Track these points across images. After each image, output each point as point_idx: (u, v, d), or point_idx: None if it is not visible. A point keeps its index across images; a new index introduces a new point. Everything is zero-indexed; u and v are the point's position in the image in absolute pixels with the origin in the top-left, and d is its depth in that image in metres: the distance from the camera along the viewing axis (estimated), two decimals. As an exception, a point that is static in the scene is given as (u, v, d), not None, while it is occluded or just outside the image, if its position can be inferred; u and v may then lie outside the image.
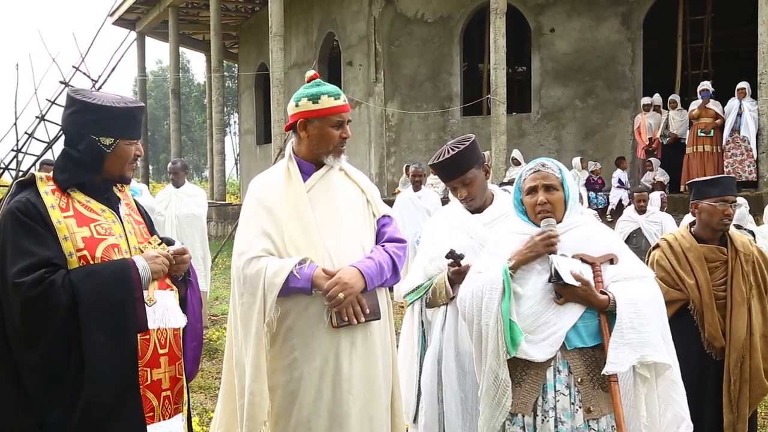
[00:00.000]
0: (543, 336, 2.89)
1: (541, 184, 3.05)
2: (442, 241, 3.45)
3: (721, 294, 4.09)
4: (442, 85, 17.47)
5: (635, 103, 15.80)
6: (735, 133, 13.06)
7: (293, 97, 3.27)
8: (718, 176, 4.33)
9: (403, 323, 3.82)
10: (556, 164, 3.12)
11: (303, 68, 19.21)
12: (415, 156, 16.65)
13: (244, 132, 25.61)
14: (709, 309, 4.06)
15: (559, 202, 3.04)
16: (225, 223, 19.22)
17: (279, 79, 16.20)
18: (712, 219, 4.10)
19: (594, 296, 2.88)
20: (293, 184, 3.19)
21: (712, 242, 4.17)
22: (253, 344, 2.99)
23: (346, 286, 2.98)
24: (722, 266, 4.12)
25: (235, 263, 3.11)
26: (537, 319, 2.90)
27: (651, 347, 2.82)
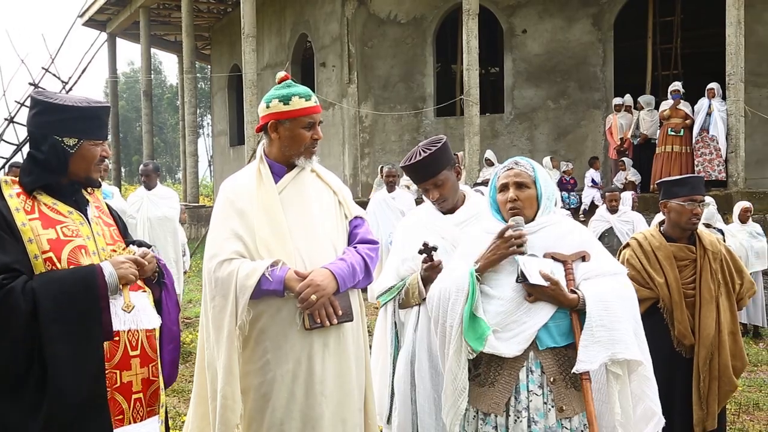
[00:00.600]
0: (512, 333, 2.89)
1: (513, 182, 3.06)
2: (414, 242, 3.46)
3: (690, 292, 4.13)
4: (415, 86, 17.51)
5: (607, 104, 15.95)
6: (704, 133, 13.21)
7: (264, 99, 3.25)
8: (687, 176, 4.38)
9: (376, 324, 3.82)
10: (530, 162, 3.12)
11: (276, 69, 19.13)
12: (389, 157, 16.67)
13: (217, 134, 25.47)
14: (678, 307, 4.10)
15: (529, 200, 3.04)
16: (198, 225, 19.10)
17: (252, 80, 16.14)
18: (681, 218, 4.15)
19: (563, 295, 2.88)
20: (265, 185, 3.18)
21: (681, 241, 4.22)
22: (225, 347, 2.97)
23: (319, 288, 2.97)
24: (691, 265, 4.17)
25: (206, 266, 3.09)
26: (507, 318, 2.90)
27: (622, 344, 2.82)
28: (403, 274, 3.54)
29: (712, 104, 13.15)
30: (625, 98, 15.13)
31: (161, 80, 55.51)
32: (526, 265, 2.87)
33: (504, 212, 3.09)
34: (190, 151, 21.52)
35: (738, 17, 12.52)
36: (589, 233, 3.18)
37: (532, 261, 2.92)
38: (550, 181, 3.14)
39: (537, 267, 2.89)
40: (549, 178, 3.13)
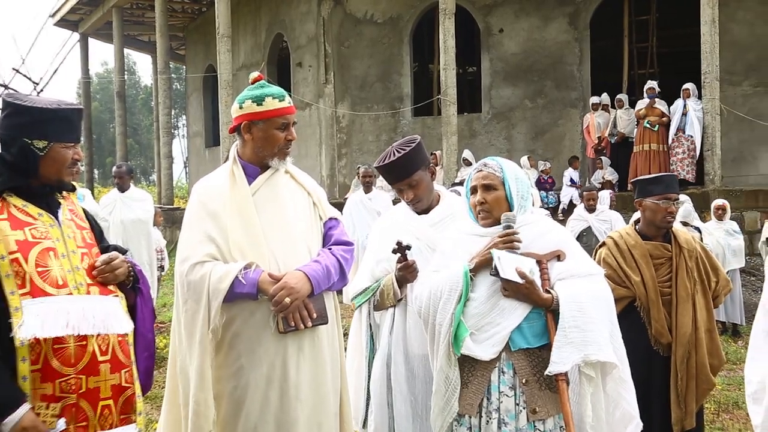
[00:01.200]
0: (487, 335, 2.90)
1: (480, 184, 3.08)
2: (389, 243, 3.45)
3: (666, 290, 4.16)
4: (392, 86, 17.51)
5: (584, 103, 16.04)
6: (680, 132, 13.34)
7: (237, 99, 3.24)
8: (661, 174, 4.43)
9: (351, 327, 3.81)
10: (498, 163, 3.13)
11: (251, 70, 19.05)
12: (367, 157, 16.65)
13: (192, 135, 25.33)
14: (655, 305, 4.13)
15: (497, 201, 3.05)
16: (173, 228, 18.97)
17: (227, 80, 16.07)
18: (656, 216, 4.18)
19: (537, 294, 2.88)
20: (238, 187, 3.16)
21: (656, 239, 4.25)
22: (197, 352, 2.95)
23: (293, 290, 2.96)
24: (667, 263, 4.20)
25: (178, 269, 3.07)
26: (482, 319, 2.91)
27: (595, 346, 2.82)
28: (378, 275, 3.54)
29: (688, 104, 13.30)
30: (602, 97, 15.22)
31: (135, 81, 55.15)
32: (501, 260, 2.88)
33: (475, 214, 3.11)
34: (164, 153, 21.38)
35: (712, 16, 12.64)
36: (566, 233, 3.19)
37: (509, 257, 2.92)
38: (525, 180, 3.14)
39: (513, 263, 2.90)
40: (522, 178, 3.13)
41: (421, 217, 3.57)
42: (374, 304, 3.53)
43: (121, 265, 2.81)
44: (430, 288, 3.02)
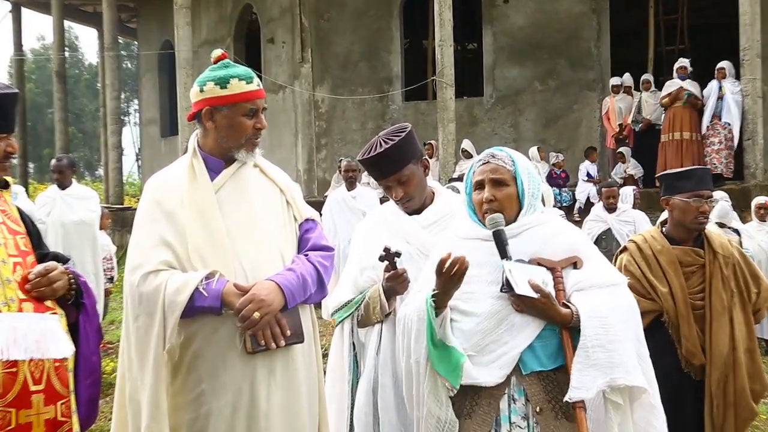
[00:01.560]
0: (492, 357, 2.89)
1: (488, 178, 3.07)
2: (375, 248, 3.45)
3: (698, 303, 4.17)
4: (380, 66, 17.52)
5: (602, 85, 16.08)
6: (715, 119, 13.34)
7: (197, 81, 3.24)
8: (691, 167, 4.43)
9: (331, 346, 3.81)
10: (509, 154, 3.13)
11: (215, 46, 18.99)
12: (350, 149, 16.65)
13: (145, 122, 25.24)
14: (685, 321, 4.14)
15: (509, 199, 3.05)
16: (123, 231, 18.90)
17: (186, 59, 16.02)
18: (686, 217, 4.19)
19: (555, 309, 2.88)
20: (198, 183, 3.17)
21: (686, 243, 4.26)
22: (150, 376, 2.94)
23: (263, 303, 2.96)
24: (699, 271, 4.21)
25: (128, 279, 3.06)
26: (485, 337, 2.90)
27: (622, 368, 2.82)
28: (362, 286, 3.54)
29: (724, 86, 13.29)
30: (624, 78, 15.25)
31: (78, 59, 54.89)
32: (513, 273, 2.87)
33: (480, 214, 3.09)
34: (113, 143, 21.29)
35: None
36: (582, 235, 3.20)
37: (520, 268, 2.92)
38: (535, 175, 3.15)
39: (525, 275, 2.89)
40: (533, 172, 3.14)
41: (413, 218, 3.57)
42: (358, 320, 3.53)
43: (60, 277, 2.79)
44: (404, 317, 3.03)
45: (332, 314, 3.64)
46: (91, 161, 53.90)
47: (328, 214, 10.03)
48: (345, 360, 3.63)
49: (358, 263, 3.60)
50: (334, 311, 3.62)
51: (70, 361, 2.79)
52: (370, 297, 3.47)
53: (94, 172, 52.51)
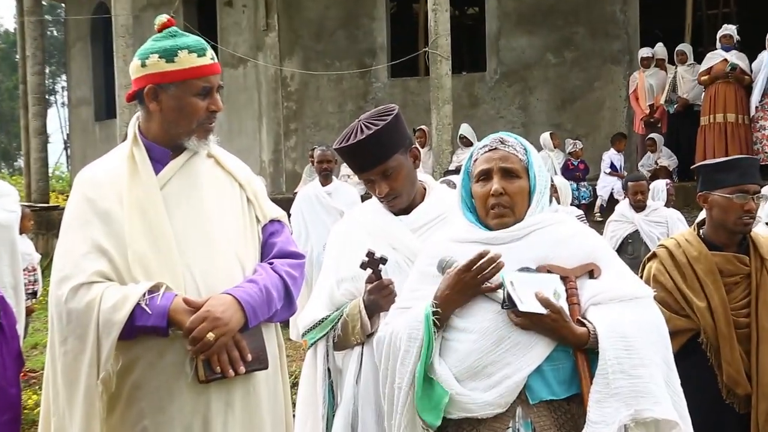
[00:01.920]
0: (491, 381, 2.88)
1: (498, 167, 3.06)
2: (355, 255, 3.47)
3: (743, 321, 4.19)
4: (361, 35, 17.53)
5: (630, 57, 16.14)
6: (766, 98, 13.37)
7: (138, 54, 3.25)
8: (735, 157, 4.46)
9: (302, 373, 3.81)
10: (520, 142, 3.14)
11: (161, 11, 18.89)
12: (325, 135, 16.66)
13: (75, 103, 25.16)
14: (727, 342, 4.15)
15: (520, 195, 3.06)
16: (49, 235, 18.84)
17: (126, 26, 15.97)
18: (728, 217, 4.20)
19: (568, 328, 2.87)
20: (140, 177, 3.18)
21: (728, 249, 4.27)
22: (81, 411, 2.95)
23: (218, 322, 2.97)
24: (744, 282, 4.23)
25: (54, 293, 3.06)
26: (483, 357, 2.90)
27: (649, 398, 2.81)
28: (339, 301, 3.54)
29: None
30: (655, 49, 15.27)
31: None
32: (516, 285, 2.86)
33: (483, 210, 3.08)
34: (35, 128, 21.21)
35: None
36: (599, 239, 3.21)
37: (526, 278, 2.92)
38: (544, 168, 3.17)
39: (532, 287, 2.90)
40: (541, 164, 3.16)
41: (400, 218, 3.58)
42: (335, 342, 3.53)
43: None
44: (390, 334, 3.02)
45: (303, 335, 3.63)
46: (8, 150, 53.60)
47: (299, 214, 10.03)
48: (319, 389, 3.61)
49: (335, 273, 3.60)
50: (306, 331, 3.60)
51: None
52: (349, 314, 3.47)
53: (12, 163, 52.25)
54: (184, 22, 17.79)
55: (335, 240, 3.74)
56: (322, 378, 3.61)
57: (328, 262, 3.70)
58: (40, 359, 10.06)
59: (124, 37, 15.93)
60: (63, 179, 33.92)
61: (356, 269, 3.40)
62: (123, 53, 15.74)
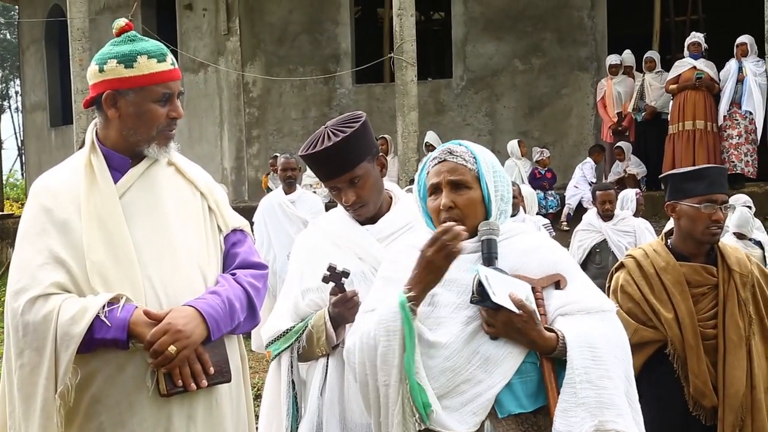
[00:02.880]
0: (463, 399, 2.89)
1: (446, 180, 3.08)
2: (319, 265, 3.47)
3: (710, 332, 4.23)
4: (324, 40, 17.53)
5: (598, 64, 16.24)
6: (734, 107, 13.47)
7: (96, 59, 3.23)
8: (703, 166, 4.49)
9: (265, 386, 3.81)
10: (469, 149, 3.15)
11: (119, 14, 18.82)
12: (288, 142, 16.66)
13: (30, 108, 24.99)
14: (694, 353, 4.18)
15: (471, 205, 3.07)
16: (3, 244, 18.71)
17: (82, 29, 15.89)
18: (696, 227, 4.23)
19: (538, 331, 2.89)
20: (98, 185, 3.16)
21: (696, 259, 4.31)
22: (38, 425, 2.92)
23: (180, 334, 2.96)
24: (711, 293, 4.26)
25: (11, 305, 3.03)
26: (455, 376, 2.91)
27: (614, 410, 2.84)
28: (304, 312, 3.54)
29: (745, 66, 13.41)
30: (623, 56, 15.37)
31: (-57, 28, 54.17)
32: (490, 279, 2.87)
33: (437, 224, 3.10)
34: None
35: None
36: (563, 251, 3.23)
37: (499, 278, 2.92)
38: (503, 174, 3.15)
39: (505, 287, 2.91)
40: (500, 171, 3.14)
41: (366, 228, 3.59)
42: (299, 353, 3.53)
43: None
44: (362, 336, 3.01)
45: (267, 346, 3.62)
46: (-39, 157, 53.15)
47: (261, 223, 9.99)
48: (283, 401, 3.61)
49: (298, 284, 3.60)
50: (270, 342, 3.60)
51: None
52: (314, 325, 3.46)
53: (-35, 170, 51.77)
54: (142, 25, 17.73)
55: (300, 250, 3.74)
56: (287, 390, 3.60)
57: (292, 272, 3.70)
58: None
59: (81, 41, 15.85)
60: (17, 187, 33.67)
61: (321, 281, 3.41)
62: (79, 57, 15.67)
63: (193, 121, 17.44)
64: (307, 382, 3.59)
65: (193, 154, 5.86)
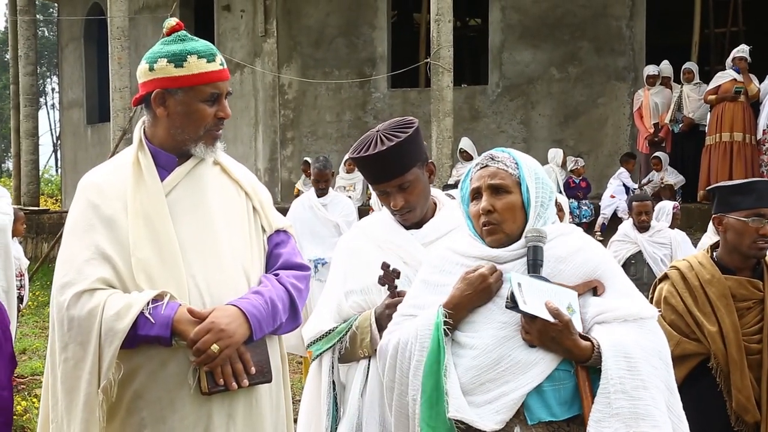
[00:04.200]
0: (488, 397, 2.88)
1: (486, 185, 3.08)
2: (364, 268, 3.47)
3: (755, 347, 4.19)
4: (361, 44, 17.55)
5: (635, 74, 16.17)
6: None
7: (146, 57, 3.24)
8: (751, 180, 4.45)
9: (305, 386, 3.81)
10: (512, 156, 3.14)
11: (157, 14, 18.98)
12: (323, 145, 16.68)
13: (67, 105, 25.15)
14: (737, 368, 4.15)
15: (510, 210, 3.06)
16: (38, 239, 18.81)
17: (121, 28, 15.99)
18: (743, 240, 4.20)
19: (572, 340, 2.87)
20: (145, 183, 3.17)
21: (742, 273, 4.27)
22: (80, 420, 2.94)
23: (223, 334, 2.97)
24: (756, 307, 4.22)
25: (56, 299, 3.05)
26: (481, 374, 2.90)
27: (649, 420, 2.81)
28: (347, 314, 3.54)
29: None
30: (661, 66, 15.29)
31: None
32: (523, 288, 2.85)
33: (477, 228, 3.10)
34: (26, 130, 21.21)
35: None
36: (605, 253, 3.20)
37: (537, 286, 2.90)
38: (546, 181, 3.15)
39: (543, 296, 2.88)
40: (543, 177, 3.12)
41: (411, 232, 3.58)
42: (340, 354, 3.53)
43: None
44: (398, 343, 3.02)
45: (308, 346, 3.63)
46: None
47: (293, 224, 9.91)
48: (323, 402, 3.61)
49: (341, 286, 3.60)
50: (312, 342, 3.60)
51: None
52: (359, 327, 3.47)
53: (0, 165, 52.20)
54: (183, 26, 17.74)
55: (342, 251, 3.72)
56: (327, 391, 3.60)
57: (334, 274, 3.70)
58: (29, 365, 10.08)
59: (120, 40, 15.94)
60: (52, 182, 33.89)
61: (365, 282, 3.42)
62: (118, 55, 15.75)
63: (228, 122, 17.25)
64: (347, 384, 3.59)
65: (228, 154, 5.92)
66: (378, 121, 16.29)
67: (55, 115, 38.94)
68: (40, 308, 13.50)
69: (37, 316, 12.92)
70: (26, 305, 10.90)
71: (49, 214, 19.70)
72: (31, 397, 8.45)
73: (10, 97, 25.48)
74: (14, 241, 9.34)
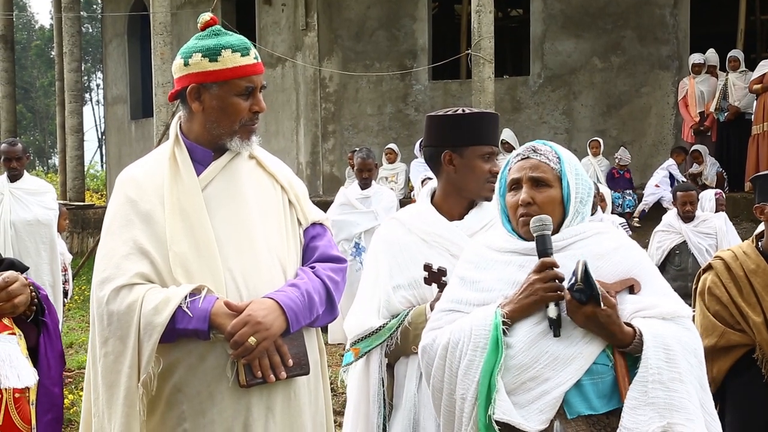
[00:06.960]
0: (530, 397, 2.87)
1: (527, 176, 3.06)
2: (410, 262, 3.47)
3: (801, 337, 4.17)
4: (402, 36, 17.52)
5: (680, 63, 16.03)
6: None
7: (181, 53, 3.26)
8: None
9: (349, 382, 3.76)
10: (554, 149, 3.13)
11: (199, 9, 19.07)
12: (364, 138, 16.68)
13: (111, 101, 25.35)
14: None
15: (550, 204, 3.04)
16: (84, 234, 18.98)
17: (164, 24, 16.06)
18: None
19: (618, 325, 2.86)
20: (182, 178, 3.20)
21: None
22: (120, 413, 2.96)
23: (260, 326, 2.98)
24: (803, 298, 4.21)
25: (96, 294, 3.08)
26: (521, 374, 2.88)
27: (683, 413, 2.80)
28: (396, 309, 3.51)
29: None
30: (707, 55, 15.16)
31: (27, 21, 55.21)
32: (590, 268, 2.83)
33: (514, 220, 3.09)
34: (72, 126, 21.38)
35: None
36: (642, 253, 3.18)
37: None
38: (585, 177, 3.13)
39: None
40: (583, 174, 3.11)
41: (455, 224, 3.57)
42: (389, 349, 3.51)
43: (21, 291, 2.81)
44: (448, 341, 2.99)
45: (354, 344, 3.58)
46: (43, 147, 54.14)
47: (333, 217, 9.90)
48: (373, 399, 3.55)
49: (389, 280, 3.54)
50: (358, 339, 3.55)
51: (32, 392, 2.81)
52: (412, 322, 3.43)
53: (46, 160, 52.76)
54: (222, 20, 17.87)
55: (382, 245, 3.65)
56: (377, 387, 3.55)
57: (375, 269, 3.63)
58: (75, 358, 10.16)
59: (162, 35, 16.01)
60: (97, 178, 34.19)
61: (413, 276, 3.42)
62: (161, 51, 15.83)
63: (269, 116, 17.52)
64: (399, 378, 3.57)
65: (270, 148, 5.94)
66: (419, 113, 16.38)
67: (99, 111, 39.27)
68: (86, 303, 13.59)
69: (83, 310, 13.01)
70: (71, 299, 10.95)
71: (95, 209, 19.85)
72: (78, 390, 8.50)
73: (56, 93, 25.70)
74: (58, 237, 9.42)
